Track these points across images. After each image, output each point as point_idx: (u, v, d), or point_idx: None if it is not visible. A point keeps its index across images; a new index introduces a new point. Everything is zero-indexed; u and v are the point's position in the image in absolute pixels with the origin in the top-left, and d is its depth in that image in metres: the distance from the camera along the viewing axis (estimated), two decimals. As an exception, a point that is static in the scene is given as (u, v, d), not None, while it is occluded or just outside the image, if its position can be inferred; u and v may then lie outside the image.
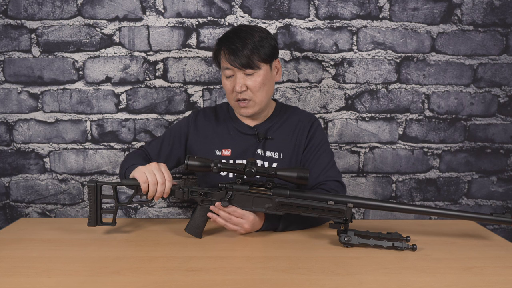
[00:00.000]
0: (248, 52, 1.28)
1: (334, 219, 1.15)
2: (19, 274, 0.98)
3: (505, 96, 1.79)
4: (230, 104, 1.41)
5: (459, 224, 1.41)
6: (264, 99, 1.37)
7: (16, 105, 1.74)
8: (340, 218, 1.15)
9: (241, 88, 1.31)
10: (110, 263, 1.04)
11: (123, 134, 1.75)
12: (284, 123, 1.45)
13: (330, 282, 0.96)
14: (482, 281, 0.97)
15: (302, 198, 1.17)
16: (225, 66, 1.33)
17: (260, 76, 1.33)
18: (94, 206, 1.23)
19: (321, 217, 1.18)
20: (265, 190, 1.18)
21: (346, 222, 1.15)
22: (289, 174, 1.15)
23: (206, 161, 1.18)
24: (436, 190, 1.82)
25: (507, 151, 1.81)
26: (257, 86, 1.33)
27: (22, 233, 1.26)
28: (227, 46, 1.31)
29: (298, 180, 1.15)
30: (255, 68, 1.31)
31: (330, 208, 1.15)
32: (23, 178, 1.78)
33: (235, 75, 1.33)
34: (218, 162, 1.18)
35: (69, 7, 1.69)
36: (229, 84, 1.35)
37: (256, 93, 1.34)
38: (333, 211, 1.15)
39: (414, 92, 1.77)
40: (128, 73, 1.73)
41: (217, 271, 1.00)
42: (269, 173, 1.16)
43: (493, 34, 1.75)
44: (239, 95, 1.33)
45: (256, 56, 1.29)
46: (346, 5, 1.71)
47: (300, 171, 1.14)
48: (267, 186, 1.18)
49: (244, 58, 1.28)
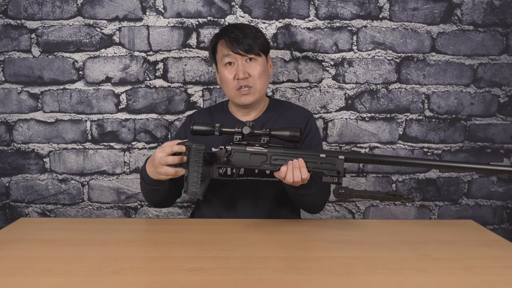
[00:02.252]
0: (249, 40, 1.34)
1: (327, 172, 1.19)
2: (19, 274, 0.98)
3: (505, 96, 1.79)
4: (230, 95, 1.41)
5: (459, 224, 1.41)
6: (263, 88, 1.40)
7: (16, 105, 1.74)
8: (332, 171, 1.18)
9: (244, 74, 1.35)
10: (110, 263, 1.04)
11: (123, 134, 1.75)
12: (279, 118, 1.46)
13: (330, 282, 0.96)
14: (482, 281, 0.97)
15: (295, 151, 1.22)
16: (226, 53, 1.35)
17: (260, 64, 1.37)
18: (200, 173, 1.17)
19: (315, 171, 1.20)
20: (261, 148, 1.23)
21: (339, 175, 1.18)
22: (282, 133, 1.21)
23: (209, 125, 1.24)
24: (436, 190, 1.82)
25: (507, 151, 1.81)
26: (257, 73, 1.36)
27: (22, 233, 1.26)
28: (227, 36, 1.35)
29: (290, 138, 1.21)
30: (256, 53, 1.35)
31: (323, 160, 1.19)
32: (23, 178, 1.78)
33: (236, 63, 1.36)
34: (220, 126, 1.23)
35: (69, 7, 1.69)
36: (229, 73, 1.37)
37: (257, 80, 1.37)
38: (325, 163, 1.19)
39: (414, 92, 1.77)
40: (128, 73, 1.73)
41: (217, 271, 1.00)
42: (265, 132, 1.22)
43: (493, 34, 1.75)
44: (242, 81, 1.35)
45: (256, 45, 1.35)
46: (346, 5, 1.71)
47: (292, 130, 1.21)
48: (263, 145, 1.23)
49: (246, 44, 1.33)
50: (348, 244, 1.18)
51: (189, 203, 1.81)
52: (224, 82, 1.39)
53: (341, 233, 1.28)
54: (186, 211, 1.82)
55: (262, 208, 1.42)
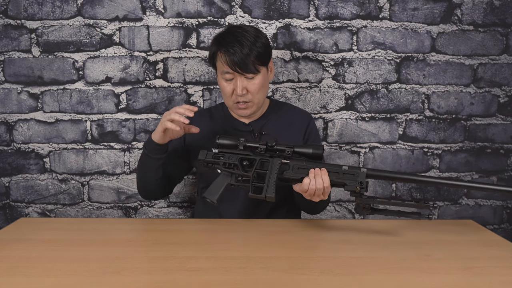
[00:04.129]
0: (249, 59, 1.30)
1: (348, 182, 1.17)
2: (19, 274, 0.98)
3: (505, 96, 1.79)
4: (228, 105, 1.42)
5: (459, 224, 1.41)
6: (261, 100, 1.40)
7: (16, 105, 1.74)
8: (355, 181, 1.17)
9: (242, 91, 1.34)
10: (110, 263, 1.04)
11: (123, 134, 1.75)
12: (279, 119, 1.47)
13: (330, 282, 0.96)
14: (482, 281, 0.97)
15: (318, 164, 1.22)
16: (225, 70, 1.34)
17: (259, 79, 1.35)
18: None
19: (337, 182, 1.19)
20: (284, 160, 1.24)
21: (362, 185, 1.16)
22: (305, 151, 1.22)
23: (235, 139, 1.26)
24: (436, 190, 1.82)
25: (507, 151, 1.81)
26: (256, 89, 1.35)
27: (22, 233, 1.26)
28: (226, 50, 1.31)
29: (314, 155, 1.21)
30: (255, 72, 1.33)
31: (344, 171, 1.19)
32: (23, 178, 1.78)
33: (235, 79, 1.34)
34: (244, 141, 1.25)
35: (69, 7, 1.69)
36: (228, 87, 1.36)
37: (255, 95, 1.36)
38: (348, 174, 1.19)
39: (414, 92, 1.77)
40: (128, 73, 1.73)
41: (217, 271, 1.00)
42: (288, 147, 1.23)
43: (493, 34, 1.75)
44: (240, 98, 1.35)
45: (257, 61, 1.32)
46: (346, 5, 1.71)
47: (315, 148, 1.21)
48: (286, 158, 1.23)
49: (244, 64, 1.31)
50: (348, 244, 1.18)
51: (189, 203, 1.81)
52: (222, 92, 1.40)
53: (341, 233, 1.28)
54: (186, 211, 1.82)
55: (262, 208, 1.42)
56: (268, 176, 1.20)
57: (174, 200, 1.81)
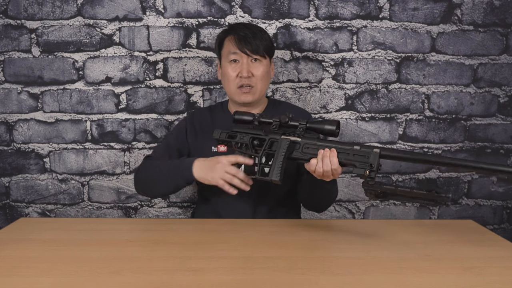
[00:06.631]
0: (257, 41, 1.37)
1: (358, 164, 1.11)
2: (19, 274, 0.98)
3: (505, 96, 1.79)
4: (230, 91, 1.42)
5: (459, 224, 1.41)
6: (263, 90, 1.42)
7: (16, 105, 1.74)
8: (365, 163, 1.10)
9: (247, 73, 1.37)
10: (110, 263, 1.04)
11: (123, 134, 1.75)
12: None
13: (330, 282, 0.96)
14: (482, 281, 0.97)
15: (329, 143, 1.18)
16: (233, 51, 1.38)
17: (263, 66, 1.39)
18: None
19: (347, 162, 1.13)
20: (296, 138, 1.21)
21: (372, 168, 1.09)
22: (318, 126, 1.19)
23: (250, 115, 1.27)
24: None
25: (507, 151, 1.81)
26: (260, 74, 1.39)
27: (22, 233, 1.26)
28: (236, 33, 1.38)
29: (327, 132, 1.18)
30: (262, 55, 1.38)
31: (356, 152, 1.13)
32: (23, 178, 1.78)
33: (240, 62, 1.38)
34: (259, 116, 1.25)
35: (69, 7, 1.69)
36: (233, 70, 1.39)
37: (259, 80, 1.39)
38: (358, 155, 1.12)
39: (414, 92, 1.77)
40: (128, 73, 1.73)
41: (217, 271, 1.00)
42: (301, 123, 1.21)
43: (493, 34, 1.75)
44: (244, 80, 1.38)
45: (263, 46, 1.38)
46: (346, 5, 1.71)
47: (329, 123, 1.18)
48: (298, 135, 1.21)
49: (254, 45, 1.37)
50: (348, 244, 1.18)
51: (189, 203, 1.81)
52: (226, 78, 1.41)
53: (341, 233, 1.28)
54: (186, 211, 1.82)
55: (262, 208, 1.42)
56: (275, 158, 1.18)
57: (174, 200, 1.81)
